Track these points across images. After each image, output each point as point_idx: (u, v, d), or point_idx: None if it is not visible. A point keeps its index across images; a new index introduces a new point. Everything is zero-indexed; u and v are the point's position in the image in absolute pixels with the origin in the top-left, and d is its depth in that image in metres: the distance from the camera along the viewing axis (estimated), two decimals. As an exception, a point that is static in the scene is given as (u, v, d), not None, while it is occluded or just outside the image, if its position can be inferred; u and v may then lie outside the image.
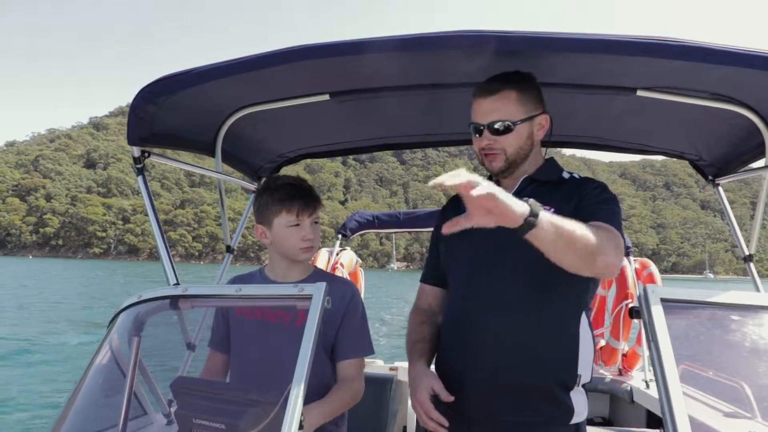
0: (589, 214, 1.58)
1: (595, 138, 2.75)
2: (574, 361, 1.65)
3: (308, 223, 1.90)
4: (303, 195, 1.90)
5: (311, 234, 1.90)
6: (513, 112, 1.69)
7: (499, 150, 1.71)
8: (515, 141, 1.71)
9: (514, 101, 1.69)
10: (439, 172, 1.30)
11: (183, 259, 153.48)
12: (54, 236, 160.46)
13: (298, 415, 1.28)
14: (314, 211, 1.92)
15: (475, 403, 1.67)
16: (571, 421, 1.66)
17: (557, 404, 1.64)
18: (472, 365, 1.67)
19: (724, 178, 2.69)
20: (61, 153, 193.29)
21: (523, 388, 1.62)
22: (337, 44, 1.68)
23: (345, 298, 1.91)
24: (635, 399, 3.59)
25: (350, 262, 4.55)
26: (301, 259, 1.94)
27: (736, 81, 1.87)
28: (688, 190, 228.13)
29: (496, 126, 1.69)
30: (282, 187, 1.92)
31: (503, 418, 1.65)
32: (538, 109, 1.74)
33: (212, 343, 2.01)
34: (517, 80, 1.72)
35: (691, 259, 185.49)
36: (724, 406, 2.04)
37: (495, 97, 1.70)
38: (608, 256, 1.46)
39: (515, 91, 1.70)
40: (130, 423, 1.75)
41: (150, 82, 1.88)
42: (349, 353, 1.90)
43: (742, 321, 1.52)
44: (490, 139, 1.71)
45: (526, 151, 1.74)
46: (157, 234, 2.05)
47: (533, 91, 1.74)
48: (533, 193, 1.74)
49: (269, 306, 1.87)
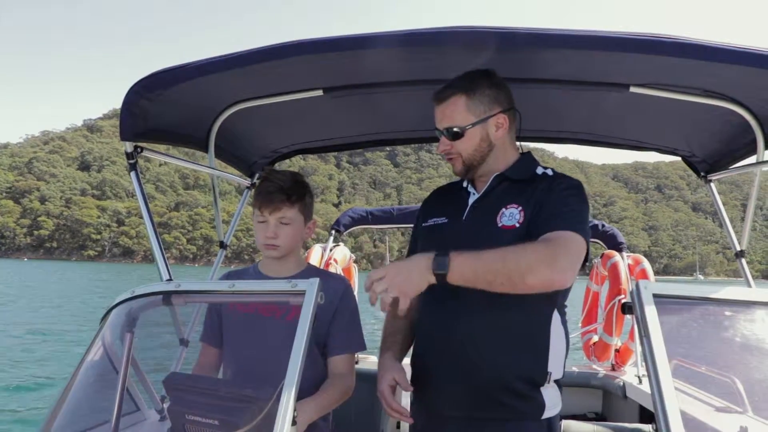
0: (542, 223, 1.60)
1: (588, 134, 2.75)
2: (543, 359, 1.67)
3: (273, 221, 1.87)
4: (270, 191, 1.86)
5: (273, 233, 1.87)
6: (462, 118, 1.71)
7: (455, 154, 1.76)
8: (468, 145, 1.73)
9: (462, 106, 1.71)
10: (432, 175, 1.34)
11: (177, 261, 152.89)
12: (48, 238, 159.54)
13: (291, 411, 1.27)
14: (276, 209, 1.86)
15: (448, 401, 1.70)
16: (542, 416, 1.67)
17: (527, 400, 1.65)
18: (444, 364, 1.69)
19: (716, 175, 2.71)
20: (55, 155, 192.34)
21: (492, 385, 1.64)
22: (331, 39, 1.69)
23: (337, 293, 1.90)
24: (628, 394, 3.59)
25: (344, 258, 4.53)
26: (265, 256, 1.93)
27: (729, 78, 1.87)
28: (679, 192, 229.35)
29: (448, 132, 1.73)
30: (263, 180, 1.93)
31: (474, 415, 1.67)
32: (493, 110, 1.73)
33: (204, 337, 2.00)
34: (465, 84, 1.72)
35: (683, 261, 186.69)
36: (715, 401, 2.05)
37: (445, 104, 1.74)
38: (539, 272, 1.46)
39: (464, 95, 1.71)
40: (122, 419, 1.74)
41: (143, 76, 1.87)
42: (341, 349, 1.90)
43: (734, 316, 1.52)
44: (447, 144, 1.76)
45: (483, 152, 1.75)
46: (150, 230, 2.05)
47: (486, 92, 1.73)
48: (504, 190, 1.76)
49: (262, 301, 1.86)
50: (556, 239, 1.53)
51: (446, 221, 1.81)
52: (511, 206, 1.69)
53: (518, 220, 1.66)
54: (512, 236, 1.63)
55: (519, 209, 1.68)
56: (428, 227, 1.86)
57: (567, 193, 1.68)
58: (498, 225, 1.68)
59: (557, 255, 1.49)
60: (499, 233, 1.66)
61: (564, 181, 1.72)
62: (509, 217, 1.67)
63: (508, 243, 1.55)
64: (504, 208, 1.69)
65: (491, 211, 1.71)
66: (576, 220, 1.60)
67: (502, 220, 1.68)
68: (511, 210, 1.68)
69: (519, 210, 1.67)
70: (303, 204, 1.93)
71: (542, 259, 1.47)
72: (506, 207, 1.69)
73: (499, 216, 1.69)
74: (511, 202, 1.70)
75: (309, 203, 1.97)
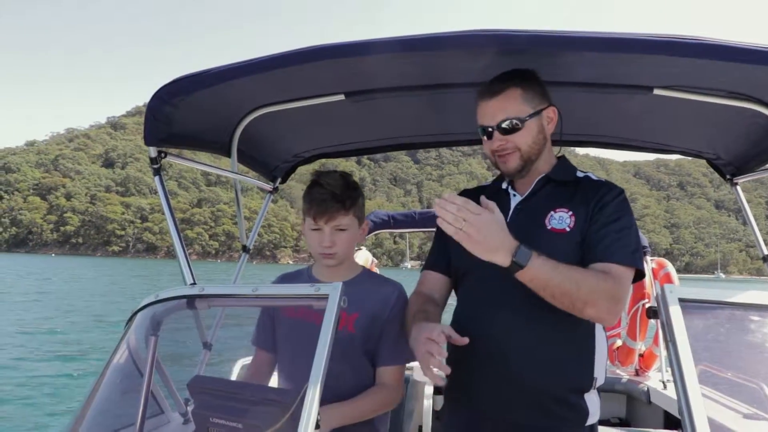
0: (598, 244, 1.59)
1: (612, 137, 2.73)
2: (590, 363, 1.65)
3: (328, 230, 1.81)
4: (324, 198, 1.79)
5: (329, 242, 1.81)
6: (520, 109, 1.67)
7: (512, 149, 1.70)
8: (527, 137, 1.69)
9: (519, 98, 1.68)
10: (453, 172, 1.33)
11: (200, 257, 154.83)
12: (74, 234, 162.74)
13: (314, 415, 1.27)
14: (332, 218, 1.80)
15: (488, 401, 1.67)
16: (586, 423, 1.65)
17: (572, 407, 1.63)
18: (486, 364, 1.66)
19: (742, 177, 2.67)
20: (80, 152, 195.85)
21: (537, 391, 1.62)
22: (353, 44, 1.68)
23: (389, 301, 1.85)
24: (652, 400, 3.55)
25: (365, 262, 4.54)
26: (322, 264, 1.89)
27: (755, 79, 1.84)
28: (702, 189, 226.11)
29: (504, 125, 1.68)
30: (313, 185, 1.85)
31: (516, 420, 1.64)
32: (544, 103, 1.72)
33: (258, 341, 1.98)
34: (519, 77, 1.71)
35: (705, 259, 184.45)
36: (743, 407, 2.01)
37: (500, 97, 1.69)
38: (598, 309, 1.51)
39: (519, 88, 1.69)
40: (147, 422, 1.76)
41: (166, 82, 1.89)
42: (389, 360, 1.83)
43: (762, 321, 1.49)
44: (501, 140, 1.70)
45: (540, 146, 1.72)
46: (174, 234, 2.07)
47: (536, 86, 1.72)
48: (550, 193, 1.73)
49: (305, 306, 1.80)
50: (621, 279, 1.55)
51: None
52: (560, 210, 1.67)
53: (569, 224, 1.64)
54: (564, 240, 1.63)
55: (569, 213, 1.66)
56: None
57: (620, 207, 1.66)
58: (547, 227, 1.66)
59: (619, 299, 1.53)
60: (550, 236, 1.64)
61: (614, 194, 1.68)
62: (559, 221, 1.65)
63: (561, 247, 1.60)
64: (553, 211, 1.68)
65: (539, 213, 1.69)
66: (634, 249, 1.61)
67: (551, 222, 1.66)
68: (561, 214, 1.66)
69: (569, 214, 1.66)
70: (357, 208, 1.87)
71: (607, 298, 1.51)
72: (555, 210, 1.68)
73: (548, 219, 1.67)
74: (559, 206, 1.68)
75: (361, 205, 1.91)
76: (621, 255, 1.58)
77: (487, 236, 1.39)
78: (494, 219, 1.43)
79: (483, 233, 1.39)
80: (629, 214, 1.67)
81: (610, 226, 1.61)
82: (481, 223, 1.39)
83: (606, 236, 1.60)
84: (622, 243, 1.59)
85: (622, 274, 1.56)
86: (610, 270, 1.55)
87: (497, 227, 1.42)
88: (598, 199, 1.66)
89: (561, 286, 1.45)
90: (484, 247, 1.40)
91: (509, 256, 1.42)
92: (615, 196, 1.68)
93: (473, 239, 1.39)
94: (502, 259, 1.42)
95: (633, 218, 1.67)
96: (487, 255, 1.42)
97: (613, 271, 1.55)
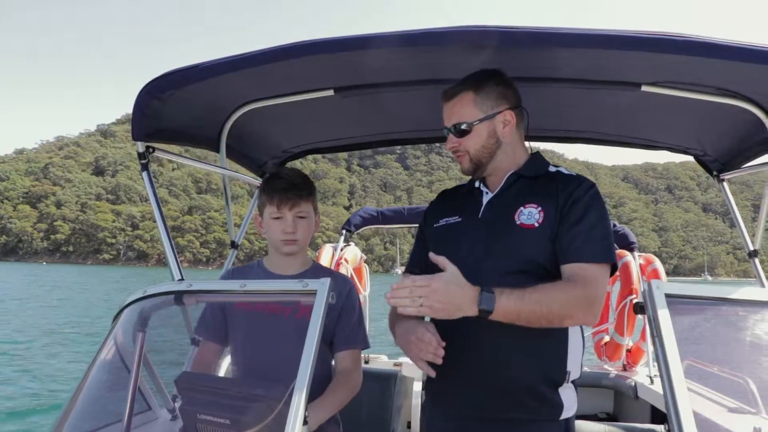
0: (570, 246, 1.61)
1: (599, 133, 2.75)
2: (563, 358, 1.67)
3: (290, 217, 1.91)
4: (285, 187, 1.91)
5: (292, 228, 1.91)
6: (469, 114, 1.73)
7: (462, 151, 1.77)
8: (476, 141, 1.74)
9: (470, 103, 1.73)
10: (443, 178, 1.34)
11: (191, 264, 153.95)
12: (65, 242, 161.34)
13: (302, 412, 1.27)
14: (295, 204, 1.91)
15: (469, 401, 1.70)
16: (560, 417, 1.67)
17: (545, 401, 1.65)
18: (461, 363, 1.68)
19: (729, 174, 2.70)
20: (70, 160, 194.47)
21: (510, 385, 1.64)
22: (342, 39, 1.69)
23: (343, 293, 1.93)
24: (639, 394, 3.57)
25: (354, 258, 4.54)
26: (283, 252, 1.96)
27: (742, 76, 1.86)
28: (690, 193, 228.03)
29: (456, 128, 1.74)
30: (272, 178, 1.96)
31: (491, 415, 1.67)
32: (500, 106, 1.74)
33: (206, 333, 2.00)
34: (474, 81, 1.74)
35: (693, 262, 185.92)
36: (728, 402, 2.03)
37: (453, 101, 1.76)
38: (575, 318, 1.58)
39: (471, 92, 1.73)
40: (134, 418, 1.76)
41: (155, 77, 1.88)
42: (347, 345, 1.93)
43: (747, 316, 1.51)
44: (454, 142, 1.77)
45: (491, 149, 1.76)
46: (161, 229, 2.06)
47: (493, 88, 1.74)
48: (520, 188, 1.76)
49: (273, 300, 1.87)
50: (592, 280, 1.58)
51: (460, 220, 1.81)
52: (529, 205, 1.69)
53: (537, 219, 1.66)
54: (532, 236, 1.65)
55: (538, 209, 1.68)
56: (441, 227, 1.85)
57: (590, 203, 1.67)
58: (516, 222, 1.68)
59: (593, 301, 1.57)
60: (519, 231, 1.66)
61: (583, 188, 1.70)
62: (528, 216, 1.68)
63: (529, 242, 1.64)
64: (522, 207, 1.70)
65: (508, 208, 1.72)
66: (605, 244, 1.63)
67: (520, 218, 1.68)
68: (530, 209, 1.69)
69: (538, 210, 1.68)
70: (314, 197, 1.99)
71: (581, 305, 1.55)
72: (524, 206, 1.70)
73: (517, 214, 1.69)
74: (529, 201, 1.70)
75: (316, 197, 2.03)
76: (593, 254, 1.60)
77: (447, 300, 1.43)
78: (447, 279, 1.46)
79: (442, 300, 1.43)
80: (600, 208, 1.68)
81: (580, 224, 1.63)
82: (435, 293, 1.43)
83: (576, 236, 1.62)
84: (592, 240, 1.61)
85: (595, 272, 1.59)
86: (583, 271, 1.59)
87: (453, 287, 1.45)
88: (567, 194, 1.68)
89: (533, 312, 1.49)
90: (449, 311, 1.45)
91: (475, 307, 1.46)
92: (585, 191, 1.69)
93: (435, 309, 1.43)
94: (469, 312, 1.46)
95: (604, 212, 1.68)
96: (455, 315, 1.46)
97: (586, 272, 1.59)
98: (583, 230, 1.62)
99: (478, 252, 1.68)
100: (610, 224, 1.71)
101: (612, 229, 1.78)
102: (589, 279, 1.57)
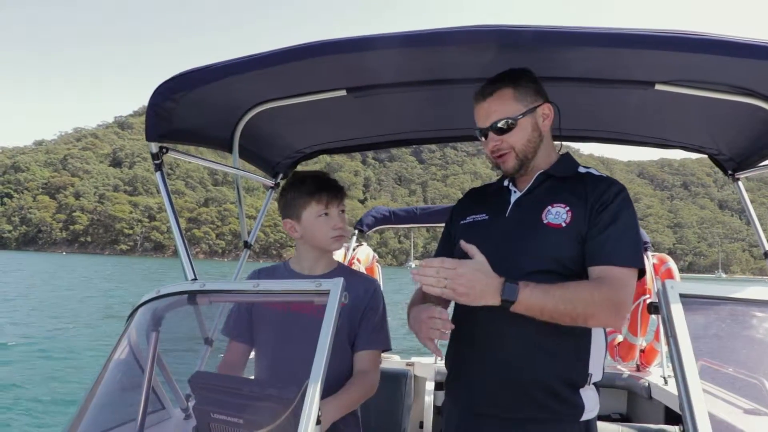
0: (600, 249, 1.60)
1: (613, 132, 2.73)
2: (586, 359, 1.66)
3: (336, 212, 1.97)
4: (329, 186, 1.97)
5: (340, 222, 1.97)
6: (512, 109, 1.70)
7: (507, 149, 1.73)
8: (521, 136, 1.72)
9: (510, 98, 1.71)
10: (457, 172, 1.33)
11: (207, 256, 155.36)
12: (83, 233, 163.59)
13: (315, 410, 1.28)
14: (341, 200, 1.99)
15: (482, 397, 1.69)
16: (581, 418, 1.66)
17: (566, 402, 1.64)
18: (481, 359, 1.68)
19: (744, 173, 2.67)
20: (88, 152, 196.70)
21: (530, 384, 1.63)
22: (354, 39, 1.68)
23: (368, 292, 1.97)
24: (653, 395, 3.54)
25: (367, 258, 4.54)
26: (333, 248, 2.00)
27: (757, 74, 1.83)
28: (706, 189, 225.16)
29: (498, 126, 1.71)
30: (308, 180, 1.98)
31: (514, 415, 1.66)
32: (538, 100, 1.74)
33: (233, 333, 2.02)
34: (510, 77, 1.73)
35: (708, 259, 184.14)
36: (744, 403, 2.00)
37: (492, 99, 1.73)
38: (599, 319, 1.56)
39: (510, 87, 1.72)
40: (148, 417, 1.77)
41: (168, 78, 1.89)
42: (367, 345, 1.94)
43: (763, 317, 1.49)
44: (496, 140, 1.73)
45: (535, 143, 1.74)
46: (175, 230, 2.08)
47: (529, 84, 1.74)
48: (549, 188, 1.74)
49: (288, 300, 1.88)
50: (620, 283, 1.56)
51: (487, 218, 1.80)
52: (557, 205, 1.68)
53: (565, 219, 1.65)
54: (558, 235, 1.64)
55: (566, 209, 1.67)
56: (467, 224, 1.84)
57: (621, 206, 1.66)
58: (543, 222, 1.67)
59: (620, 303, 1.55)
60: (545, 230, 1.65)
61: (614, 190, 1.68)
62: (555, 216, 1.67)
63: (555, 241, 1.63)
64: (550, 206, 1.69)
65: (536, 207, 1.71)
66: (635, 250, 1.62)
67: (547, 217, 1.67)
68: (558, 209, 1.68)
69: (566, 210, 1.67)
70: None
71: (608, 307, 1.53)
72: (552, 205, 1.69)
73: (545, 213, 1.68)
74: (557, 201, 1.69)
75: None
76: (622, 257, 1.59)
77: (471, 285, 1.44)
78: (474, 266, 1.47)
79: (466, 285, 1.44)
80: (630, 212, 1.67)
81: (610, 228, 1.62)
82: (461, 276, 1.44)
83: (607, 240, 1.61)
84: (623, 244, 1.60)
85: (624, 275, 1.58)
86: (612, 274, 1.57)
87: (479, 274, 1.46)
88: (597, 196, 1.67)
89: (556, 308, 1.48)
90: (472, 296, 1.45)
91: (498, 296, 1.46)
92: (615, 194, 1.67)
93: (459, 292, 1.44)
94: (491, 301, 1.46)
95: (634, 216, 1.67)
96: (477, 301, 1.46)
97: (615, 275, 1.57)
98: (614, 233, 1.61)
99: (504, 250, 1.67)
100: (639, 229, 1.70)
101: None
102: (617, 281, 1.56)
